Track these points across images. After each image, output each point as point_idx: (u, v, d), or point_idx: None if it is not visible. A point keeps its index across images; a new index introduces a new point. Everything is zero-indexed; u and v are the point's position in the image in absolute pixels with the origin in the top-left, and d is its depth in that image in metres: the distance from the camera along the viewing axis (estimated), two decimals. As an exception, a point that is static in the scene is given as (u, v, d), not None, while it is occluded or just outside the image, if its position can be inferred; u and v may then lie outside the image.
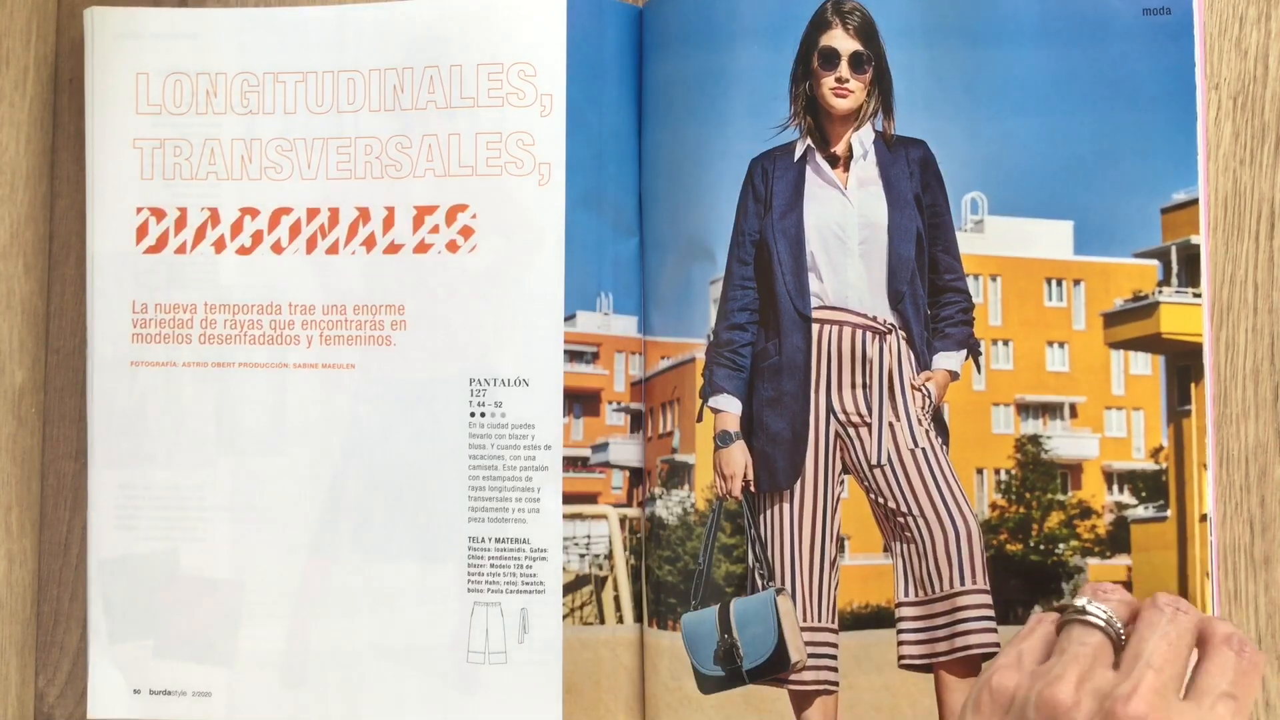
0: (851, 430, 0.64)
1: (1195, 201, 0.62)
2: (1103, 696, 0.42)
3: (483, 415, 0.65)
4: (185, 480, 0.67)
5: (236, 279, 0.68)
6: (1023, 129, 0.63)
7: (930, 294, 0.64)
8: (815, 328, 0.64)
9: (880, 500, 0.64)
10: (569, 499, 0.65)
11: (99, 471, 0.68)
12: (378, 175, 0.67)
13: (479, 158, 0.66)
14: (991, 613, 0.62)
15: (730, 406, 0.65)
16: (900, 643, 0.63)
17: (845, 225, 0.64)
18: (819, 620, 0.63)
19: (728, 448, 0.64)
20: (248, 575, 0.66)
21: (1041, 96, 0.63)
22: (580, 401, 0.66)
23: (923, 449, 0.63)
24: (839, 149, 0.65)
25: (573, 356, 0.65)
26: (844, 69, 0.64)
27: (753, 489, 0.64)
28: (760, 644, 0.62)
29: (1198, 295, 0.62)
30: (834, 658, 0.63)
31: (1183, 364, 0.62)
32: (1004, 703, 0.45)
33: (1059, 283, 0.63)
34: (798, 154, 0.65)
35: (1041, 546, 0.62)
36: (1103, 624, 0.46)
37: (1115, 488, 0.62)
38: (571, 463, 0.65)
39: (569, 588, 0.65)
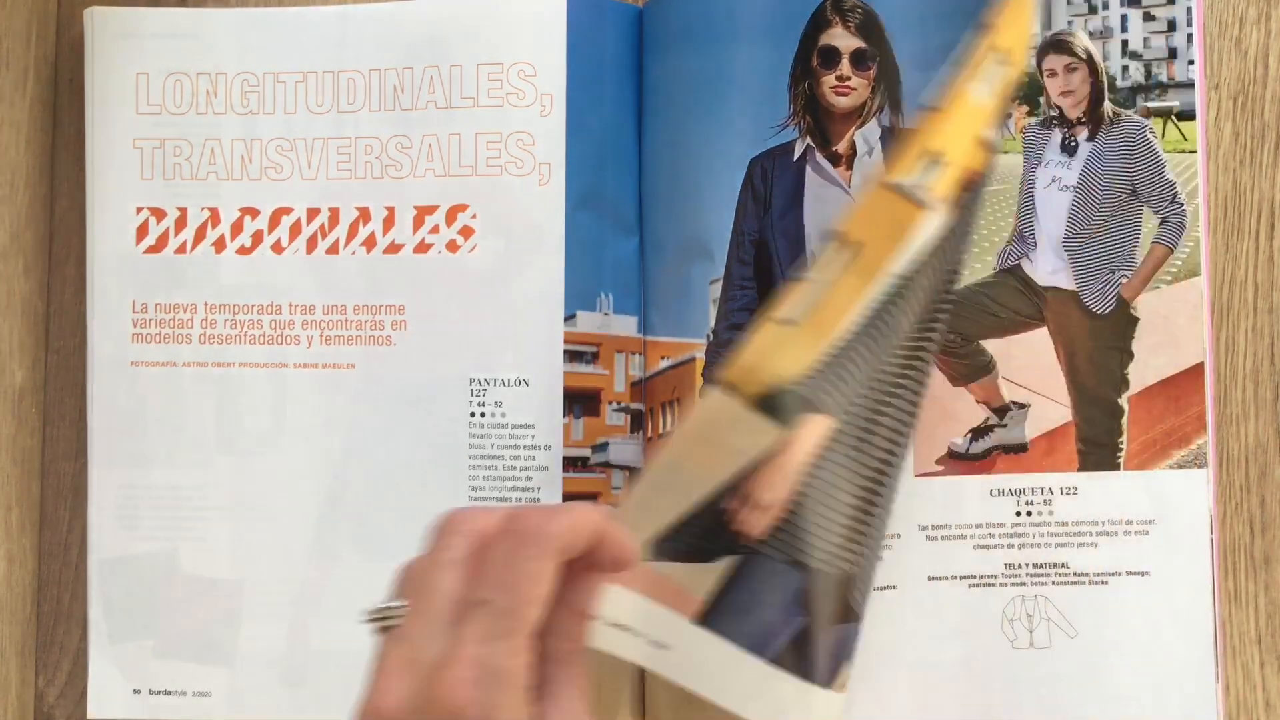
0: (852, 430, 0.64)
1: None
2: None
3: (483, 415, 0.65)
4: (185, 480, 0.67)
5: (236, 279, 0.68)
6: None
7: (930, 293, 0.64)
8: (815, 327, 0.64)
9: (880, 500, 0.64)
10: (569, 499, 0.65)
11: (99, 471, 0.68)
12: (378, 175, 0.67)
13: (479, 158, 0.66)
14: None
15: (730, 406, 0.65)
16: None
17: (845, 225, 0.64)
18: (819, 620, 0.63)
19: (728, 448, 0.64)
20: (248, 575, 0.66)
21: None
22: (580, 401, 0.66)
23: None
24: (841, 147, 0.65)
25: (573, 356, 0.65)
26: (845, 67, 0.64)
27: (753, 489, 0.64)
28: (760, 644, 0.62)
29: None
30: (834, 657, 0.63)
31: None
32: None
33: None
34: (797, 153, 0.64)
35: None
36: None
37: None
38: (571, 463, 0.65)
39: (569, 588, 0.65)
